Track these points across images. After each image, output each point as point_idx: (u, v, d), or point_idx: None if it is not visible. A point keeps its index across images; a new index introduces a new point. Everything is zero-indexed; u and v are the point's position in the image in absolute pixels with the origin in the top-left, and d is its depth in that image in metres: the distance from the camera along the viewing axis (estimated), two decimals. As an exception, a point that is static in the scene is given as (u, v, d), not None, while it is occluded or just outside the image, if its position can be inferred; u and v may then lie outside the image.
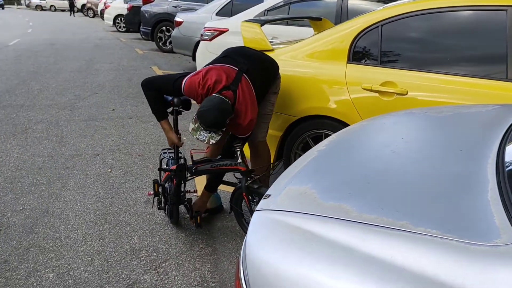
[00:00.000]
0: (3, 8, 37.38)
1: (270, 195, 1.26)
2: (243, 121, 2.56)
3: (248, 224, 2.77)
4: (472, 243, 0.91)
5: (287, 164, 3.32)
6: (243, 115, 2.55)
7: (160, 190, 2.97)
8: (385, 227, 0.99)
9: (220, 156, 2.76)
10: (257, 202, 2.66)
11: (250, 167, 2.95)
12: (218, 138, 2.49)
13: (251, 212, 2.64)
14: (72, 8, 32.00)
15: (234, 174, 3.62)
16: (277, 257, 1.02)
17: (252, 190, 2.60)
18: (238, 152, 2.62)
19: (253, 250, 1.08)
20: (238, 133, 2.63)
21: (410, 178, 1.18)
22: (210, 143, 2.48)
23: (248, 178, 2.61)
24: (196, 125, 2.49)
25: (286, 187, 1.26)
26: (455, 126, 1.52)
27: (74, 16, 30.86)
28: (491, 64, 2.52)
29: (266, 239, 1.08)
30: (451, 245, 0.91)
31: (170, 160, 2.94)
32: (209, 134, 2.47)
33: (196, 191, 3.08)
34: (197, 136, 2.49)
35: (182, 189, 2.87)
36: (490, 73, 2.51)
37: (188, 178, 2.70)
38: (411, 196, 1.09)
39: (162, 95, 2.74)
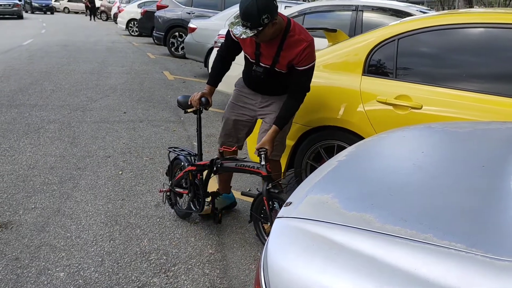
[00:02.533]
0: (52, 13, 36.15)
1: (291, 202, 1.27)
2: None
3: (265, 233, 2.77)
4: (497, 258, 0.91)
5: (298, 174, 3.32)
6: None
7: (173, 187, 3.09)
8: (409, 239, 1.00)
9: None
10: (278, 208, 2.66)
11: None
12: (251, 34, 2.41)
13: (270, 218, 2.63)
14: (93, 12, 29.47)
15: (257, 188, 3.65)
16: (300, 265, 1.02)
17: (273, 195, 2.59)
18: (263, 156, 2.59)
19: (275, 257, 1.09)
20: None
21: (433, 191, 1.19)
22: (242, 37, 2.41)
23: (270, 183, 2.58)
24: (237, 20, 2.45)
25: (307, 195, 1.27)
26: (475, 142, 1.53)
27: (95, 21, 28.39)
28: (507, 82, 2.53)
29: (289, 246, 1.09)
30: (476, 260, 0.91)
31: (186, 157, 3.00)
32: (243, 30, 2.41)
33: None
34: (233, 29, 2.44)
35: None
36: (505, 90, 2.51)
37: (218, 172, 2.84)
38: (434, 210, 1.10)
39: (224, 64, 2.84)
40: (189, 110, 2.90)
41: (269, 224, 2.69)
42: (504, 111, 2.47)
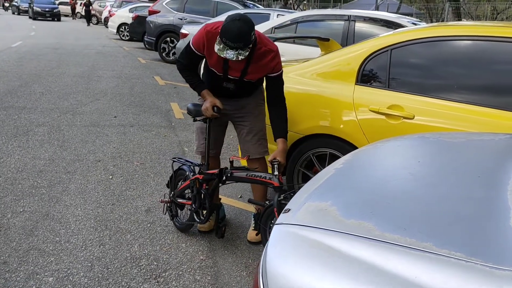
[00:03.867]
0: (59, 20, 29.74)
1: (289, 209, 1.27)
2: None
3: None
4: (497, 267, 0.92)
5: (289, 181, 3.33)
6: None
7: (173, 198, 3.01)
8: (408, 247, 1.01)
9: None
10: None
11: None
12: (246, 53, 2.44)
13: None
14: (88, 16, 27.12)
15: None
16: (300, 271, 1.02)
17: (284, 207, 2.53)
18: (276, 166, 2.57)
19: (274, 263, 1.09)
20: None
21: (431, 200, 1.20)
22: (239, 59, 2.43)
23: (281, 195, 2.52)
24: (221, 46, 2.45)
25: (305, 202, 1.27)
26: (470, 152, 1.55)
27: (89, 25, 26.51)
28: (499, 94, 2.57)
29: (288, 252, 1.09)
30: (476, 269, 0.92)
31: (190, 168, 2.95)
32: (236, 52, 2.43)
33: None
34: (224, 55, 2.44)
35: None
36: (495, 102, 2.55)
37: (227, 182, 2.71)
38: (433, 218, 1.11)
39: (194, 71, 2.81)
40: (198, 119, 2.84)
41: None
42: (494, 122, 2.50)
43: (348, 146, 3.00)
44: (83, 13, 32.09)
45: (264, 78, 2.77)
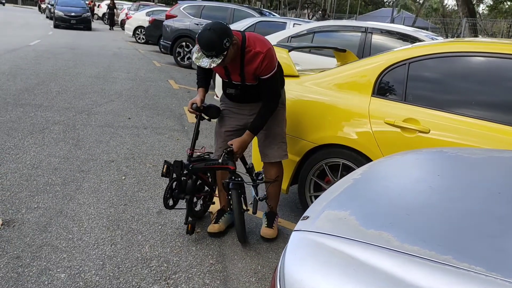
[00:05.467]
0: (89, 29, 21.52)
1: (308, 216, 1.29)
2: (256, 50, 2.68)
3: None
4: (517, 283, 0.93)
5: (301, 189, 3.34)
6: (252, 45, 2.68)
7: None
8: (428, 259, 1.01)
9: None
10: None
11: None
12: (219, 61, 2.53)
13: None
14: (111, 20, 24.29)
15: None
16: (319, 279, 1.03)
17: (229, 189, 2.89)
18: (227, 150, 2.80)
19: (292, 269, 1.10)
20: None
21: (451, 214, 1.21)
22: (211, 66, 2.55)
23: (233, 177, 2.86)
24: (199, 54, 2.57)
25: (324, 210, 1.29)
26: (490, 168, 1.55)
27: (113, 29, 23.92)
28: (516, 112, 2.56)
29: (306, 259, 1.10)
30: (496, 283, 0.93)
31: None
32: (210, 60, 2.53)
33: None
34: (199, 63, 2.55)
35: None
36: (513, 120, 2.54)
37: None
38: (453, 232, 1.12)
39: (209, 72, 2.97)
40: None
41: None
42: (510, 140, 2.50)
43: (362, 157, 3.01)
44: (100, 15, 32.04)
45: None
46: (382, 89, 3.01)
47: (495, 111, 2.62)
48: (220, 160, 2.83)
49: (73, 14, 20.96)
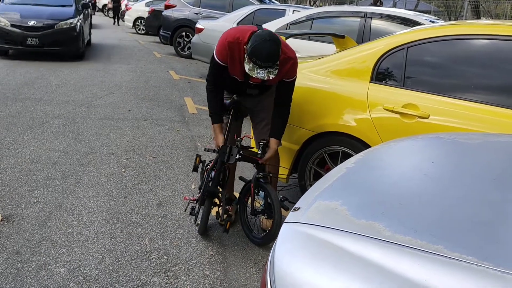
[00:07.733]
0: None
1: (299, 208, 1.26)
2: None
3: (248, 221, 2.97)
4: (509, 272, 0.90)
5: (301, 178, 3.32)
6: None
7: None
8: (419, 250, 0.99)
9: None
10: (263, 197, 2.86)
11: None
12: (276, 71, 2.49)
13: (252, 207, 2.83)
14: (117, 15, 21.95)
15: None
16: (310, 272, 1.01)
17: (260, 185, 2.78)
18: (261, 145, 2.77)
19: (282, 262, 1.08)
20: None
21: (444, 202, 1.18)
22: (270, 78, 2.49)
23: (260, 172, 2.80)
24: (251, 65, 2.49)
25: (316, 201, 1.26)
26: (485, 154, 1.52)
27: (119, 25, 21.43)
28: (517, 94, 2.51)
29: (297, 251, 1.08)
30: (487, 273, 0.90)
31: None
32: (266, 71, 2.47)
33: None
34: (255, 75, 2.48)
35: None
36: (515, 103, 2.50)
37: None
38: (445, 221, 1.09)
39: (221, 96, 2.85)
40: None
41: (265, 217, 2.92)
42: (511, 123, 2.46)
43: (361, 144, 2.98)
44: (100, 7, 31.67)
45: None
46: (380, 74, 2.97)
47: (496, 94, 2.57)
48: (259, 152, 2.79)
49: (34, 23, 8.93)
